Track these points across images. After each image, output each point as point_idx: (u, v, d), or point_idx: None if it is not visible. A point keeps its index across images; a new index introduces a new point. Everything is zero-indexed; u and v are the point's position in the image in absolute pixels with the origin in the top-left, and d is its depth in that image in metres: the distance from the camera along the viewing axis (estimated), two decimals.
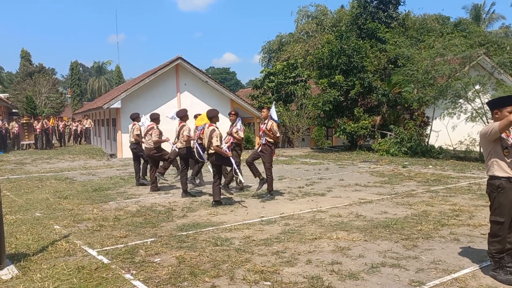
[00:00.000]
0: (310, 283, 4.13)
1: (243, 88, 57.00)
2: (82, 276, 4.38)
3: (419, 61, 16.66)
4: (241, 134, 9.28)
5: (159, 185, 9.90)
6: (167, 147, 10.31)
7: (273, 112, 8.72)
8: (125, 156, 18.99)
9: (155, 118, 10.04)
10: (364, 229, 6.04)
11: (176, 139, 9.29)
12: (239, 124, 9.30)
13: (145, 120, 10.52)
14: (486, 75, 16.64)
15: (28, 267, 4.66)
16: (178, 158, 10.27)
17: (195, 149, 8.98)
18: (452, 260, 4.72)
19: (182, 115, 9.22)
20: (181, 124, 9.10)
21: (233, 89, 42.95)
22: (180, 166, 9.63)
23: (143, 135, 10.16)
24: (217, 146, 7.69)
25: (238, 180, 9.27)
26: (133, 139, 10.61)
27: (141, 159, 10.68)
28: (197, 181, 10.01)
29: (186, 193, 8.92)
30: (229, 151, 8.24)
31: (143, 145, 10.17)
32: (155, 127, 9.83)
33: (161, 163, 9.88)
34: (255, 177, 8.67)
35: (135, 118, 10.83)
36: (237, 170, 8.42)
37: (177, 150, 9.37)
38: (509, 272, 4.16)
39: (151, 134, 9.70)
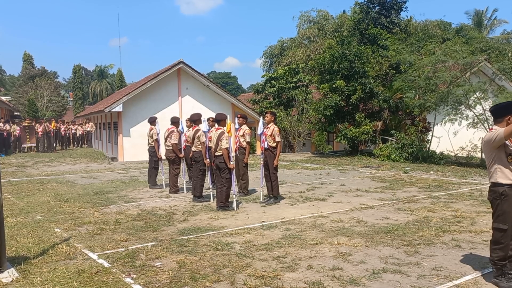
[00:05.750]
0: None
1: (245, 92, 57.12)
2: (82, 280, 4.37)
3: (421, 67, 16.68)
4: (247, 139, 9.27)
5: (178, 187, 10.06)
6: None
7: (260, 126, 8.95)
8: (126, 159, 19.02)
9: (175, 122, 10.29)
10: (366, 234, 6.03)
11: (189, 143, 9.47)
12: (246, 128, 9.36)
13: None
14: (487, 81, 16.65)
15: (29, 270, 4.65)
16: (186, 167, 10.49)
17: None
18: (454, 267, 4.70)
19: (196, 119, 9.22)
20: (195, 128, 9.10)
21: (234, 94, 42.98)
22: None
23: (164, 138, 10.36)
24: (225, 148, 7.73)
25: (239, 186, 9.26)
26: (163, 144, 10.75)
27: (156, 163, 10.76)
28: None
29: (199, 197, 8.89)
30: (233, 159, 8.31)
31: (165, 148, 10.34)
32: (175, 130, 10.11)
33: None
34: (268, 193, 8.70)
35: (152, 121, 11.01)
36: (233, 183, 8.18)
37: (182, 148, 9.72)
38: (511, 279, 4.14)
39: (171, 137, 9.97)
